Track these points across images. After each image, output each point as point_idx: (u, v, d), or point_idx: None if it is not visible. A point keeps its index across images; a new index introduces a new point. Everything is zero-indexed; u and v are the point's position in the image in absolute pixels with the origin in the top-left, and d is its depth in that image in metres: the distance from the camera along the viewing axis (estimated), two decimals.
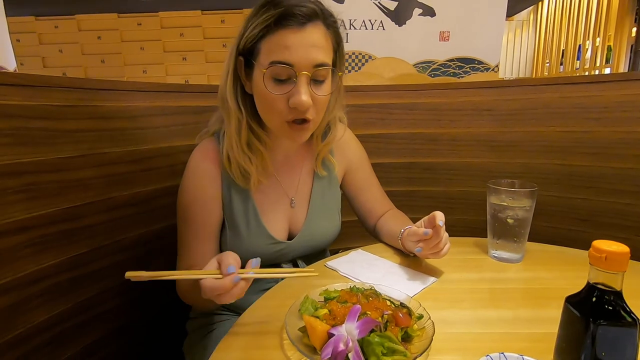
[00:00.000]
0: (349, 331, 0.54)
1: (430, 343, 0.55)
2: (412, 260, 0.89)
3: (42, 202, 0.86)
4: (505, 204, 0.85)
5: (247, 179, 0.83)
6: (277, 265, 0.90)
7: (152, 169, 1.09)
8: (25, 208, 0.83)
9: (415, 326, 0.61)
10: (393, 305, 0.64)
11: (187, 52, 2.99)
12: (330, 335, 0.55)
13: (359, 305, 0.57)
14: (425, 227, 0.80)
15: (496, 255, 0.89)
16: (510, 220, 0.85)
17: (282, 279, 0.78)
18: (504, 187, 0.87)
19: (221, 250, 0.87)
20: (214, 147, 0.86)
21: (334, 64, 0.78)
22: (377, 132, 1.47)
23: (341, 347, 0.53)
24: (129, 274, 0.56)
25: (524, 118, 1.36)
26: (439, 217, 0.77)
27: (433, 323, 0.60)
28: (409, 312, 0.62)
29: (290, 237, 0.90)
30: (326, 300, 0.68)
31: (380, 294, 0.67)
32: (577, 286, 0.50)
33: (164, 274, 0.60)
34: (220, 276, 0.58)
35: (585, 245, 1.06)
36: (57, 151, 0.89)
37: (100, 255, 0.99)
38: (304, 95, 0.71)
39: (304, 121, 0.75)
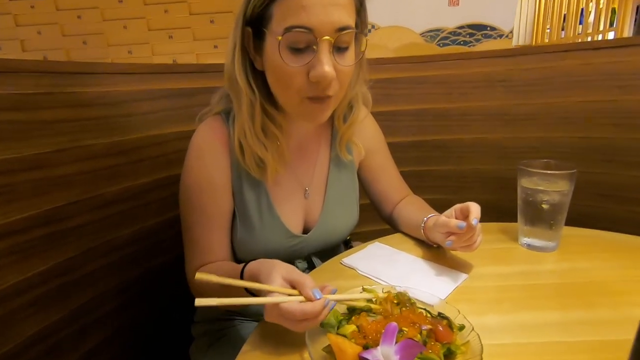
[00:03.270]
0: (386, 356, 0.45)
1: None
2: (435, 253, 0.79)
3: (20, 205, 0.74)
4: (540, 187, 0.75)
5: (262, 169, 0.72)
6: (291, 263, 0.80)
7: (142, 160, 0.97)
8: (1, 213, 0.71)
9: (458, 340, 0.51)
10: (430, 316, 0.54)
11: (173, 29, 2.78)
12: None
13: (394, 324, 0.47)
14: (455, 216, 0.70)
15: (528, 243, 0.80)
16: (544, 206, 0.75)
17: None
18: (538, 168, 0.76)
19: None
20: (221, 127, 0.74)
21: (357, 27, 0.66)
22: (382, 109, 1.34)
23: None
24: (198, 302, 0.47)
25: (541, 89, 1.24)
26: (474, 212, 0.67)
27: (479, 336, 0.51)
28: (450, 324, 0.53)
29: (305, 231, 0.79)
30: (349, 310, 0.58)
31: (414, 301, 0.57)
32: (625, 278, 0.40)
33: (232, 300, 0.51)
34: (301, 298, 0.52)
35: (608, 223, 0.99)
36: (33, 146, 0.76)
37: (91, 257, 0.88)
38: (327, 66, 0.59)
39: (325, 98, 0.64)
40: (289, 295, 0.52)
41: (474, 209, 0.67)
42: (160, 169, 1.01)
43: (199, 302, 0.47)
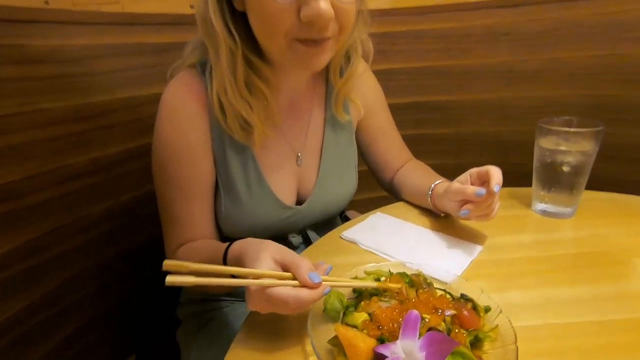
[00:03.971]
0: (408, 352, 0.37)
1: (517, 356, 0.39)
2: (444, 223, 0.71)
3: None
4: (561, 148, 0.67)
5: (248, 132, 0.61)
6: (284, 238, 0.71)
7: (111, 126, 0.85)
8: None
9: (486, 326, 0.44)
10: (450, 298, 0.47)
11: None
12: (380, 358, 0.38)
13: (416, 312, 0.39)
14: (471, 182, 0.62)
15: (544, 209, 0.72)
16: (565, 168, 0.67)
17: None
18: (559, 126, 0.68)
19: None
20: (196, 83, 0.62)
21: None
22: (377, 67, 1.20)
23: None
24: (170, 280, 0.38)
25: (547, 42, 1.13)
26: (496, 177, 0.58)
27: (509, 321, 0.43)
28: (474, 306, 0.45)
29: (299, 202, 0.70)
30: (356, 293, 0.50)
31: (430, 281, 0.49)
32: None
33: (210, 280, 0.42)
34: (295, 283, 0.43)
35: (616, 185, 0.93)
36: None
37: (59, 237, 0.77)
38: (323, 2, 0.47)
39: (321, 40, 0.52)
40: (280, 280, 0.43)
41: (495, 173, 0.58)
42: (133, 136, 0.89)
43: (172, 280, 0.38)
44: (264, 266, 0.43)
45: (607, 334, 0.46)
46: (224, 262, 0.51)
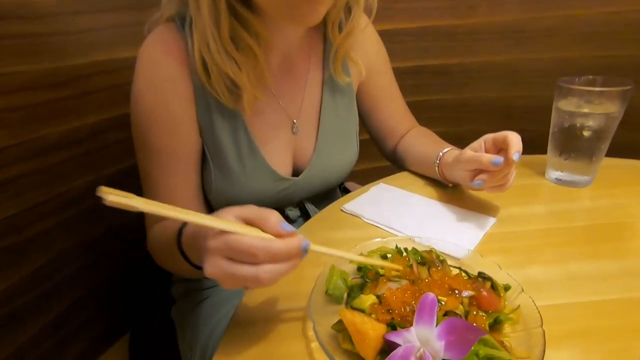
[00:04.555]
0: (424, 340, 0.32)
1: (544, 344, 0.34)
2: (452, 194, 0.66)
3: None
4: (583, 110, 0.60)
5: (237, 96, 0.54)
6: (280, 212, 0.66)
7: (89, 93, 0.77)
8: None
9: (507, 307, 0.39)
10: (466, 276, 0.42)
11: None
12: (392, 346, 0.33)
13: (432, 295, 0.34)
14: (485, 149, 0.56)
15: (559, 177, 0.67)
16: (586, 133, 0.61)
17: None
18: (581, 86, 0.61)
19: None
20: (175, 39, 0.54)
21: None
22: (377, 28, 1.13)
23: None
24: (104, 193, 0.29)
25: None
26: (515, 144, 0.52)
27: (533, 301, 0.39)
28: (493, 286, 0.41)
29: (295, 173, 0.64)
30: (361, 272, 0.45)
31: (443, 258, 0.44)
32: None
33: (161, 211, 0.33)
34: (265, 235, 0.35)
35: (634, 153, 0.87)
36: None
37: (40, 214, 0.72)
38: None
39: None
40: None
41: (515, 140, 0.52)
42: (114, 104, 0.81)
43: (106, 193, 0.28)
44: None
45: (639, 312, 0.42)
46: (178, 245, 0.44)
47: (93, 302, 0.85)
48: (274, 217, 0.35)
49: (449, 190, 0.67)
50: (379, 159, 0.92)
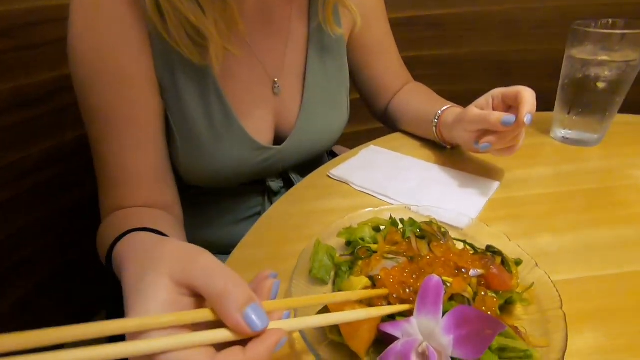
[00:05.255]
0: (428, 334, 0.26)
1: (566, 330, 0.29)
2: (450, 156, 0.59)
3: None
4: (600, 58, 0.53)
5: (201, 48, 0.44)
6: (261, 184, 0.58)
7: (34, 47, 0.66)
8: None
9: (521, 286, 0.34)
10: (472, 251, 0.36)
11: None
12: (388, 339, 0.28)
13: (436, 277, 0.28)
14: (493, 107, 0.49)
15: (566, 136, 0.61)
16: (600, 85, 0.54)
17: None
18: (599, 30, 0.53)
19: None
20: None
21: None
22: None
23: None
24: None
25: None
26: (529, 103, 0.44)
27: (549, 277, 0.33)
28: (504, 261, 0.35)
29: (278, 141, 0.56)
30: (350, 245, 0.39)
31: (445, 230, 0.38)
32: None
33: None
34: (222, 336, 0.23)
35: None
36: None
37: None
38: None
39: None
40: (188, 336, 0.22)
41: (528, 96, 0.44)
42: (67, 59, 0.70)
43: None
44: (154, 306, 0.22)
45: None
46: (109, 264, 0.36)
47: (62, 281, 0.78)
48: (237, 296, 0.22)
49: (448, 153, 0.60)
50: (369, 120, 0.84)
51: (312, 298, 0.30)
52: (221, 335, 0.22)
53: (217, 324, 0.23)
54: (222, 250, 0.61)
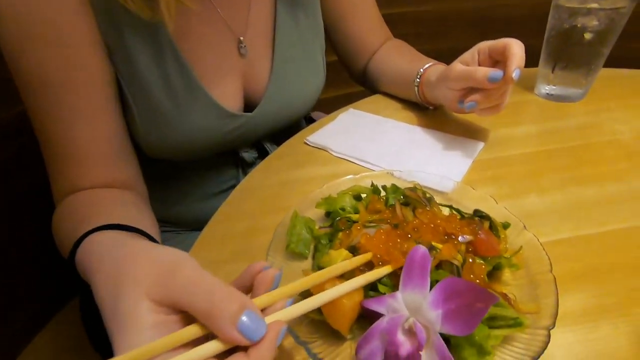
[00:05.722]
0: (414, 309, 0.24)
1: (557, 294, 0.27)
2: (433, 117, 0.56)
3: None
4: (589, 5, 0.49)
5: (151, 1, 0.38)
6: (233, 153, 0.54)
7: None
8: None
9: (509, 250, 0.32)
10: (459, 217, 0.34)
11: None
12: (372, 316, 0.25)
13: (423, 248, 0.26)
14: (479, 62, 0.45)
15: (551, 92, 0.58)
16: (588, 36, 0.51)
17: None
18: None
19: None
20: None
21: None
22: None
23: (405, 346, 0.23)
24: None
25: None
26: (517, 56, 0.41)
27: (538, 240, 0.31)
28: (492, 225, 0.33)
29: (248, 107, 0.51)
30: (330, 216, 0.36)
31: (430, 196, 0.36)
32: None
33: None
34: (212, 349, 0.20)
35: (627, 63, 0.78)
36: None
37: None
38: None
39: None
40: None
41: (516, 49, 0.41)
42: None
43: None
44: (141, 335, 0.20)
45: None
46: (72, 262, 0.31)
47: (30, 266, 0.73)
48: (227, 308, 0.20)
49: (430, 114, 0.57)
50: (349, 84, 0.79)
51: (305, 280, 0.26)
52: (218, 346, 0.20)
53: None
54: (195, 226, 0.58)
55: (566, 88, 0.57)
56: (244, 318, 0.20)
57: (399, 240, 0.30)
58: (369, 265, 0.29)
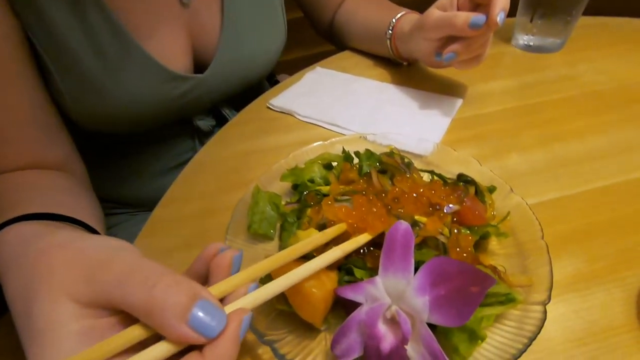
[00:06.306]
0: (397, 296, 0.21)
1: (550, 263, 0.24)
2: (407, 73, 0.51)
3: None
4: None
5: None
6: (187, 122, 0.47)
7: None
8: None
9: (497, 217, 0.29)
10: (442, 183, 0.30)
11: None
12: (348, 305, 0.22)
13: (404, 223, 0.22)
14: (457, 7, 0.40)
15: (529, 42, 0.54)
16: None
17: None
18: None
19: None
20: None
21: None
22: None
23: (387, 339, 0.20)
24: None
25: None
26: (500, 0, 0.36)
27: (527, 204, 0.28)
28: (477, 191, 0.29)
29: (199, 68, 0.44)
30: (297, 190, 0.31)
31: (409, 160, 0.31)
32: None
33: None
34: (160, 352, 0.16)
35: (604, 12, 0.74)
36: None
37: None
38: None
39: None
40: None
41: None
42: None
43: None
44: (63, 348, 0.16)
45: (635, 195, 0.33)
46: None
47: None
48: (174, 299, 0.15)
49: (404, 70, 0.52)
50: (316, 42, 0.73)
51: (271, 260, 0.21)
52: (167, 348, 0.16)
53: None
54: (152, 206, 0.52)
55: (545, 38, 0.53)
56: (197, 311, 0.15)
57: (375, 209, 0.26)
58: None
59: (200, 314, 0.15)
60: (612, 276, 0.27)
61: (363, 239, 0.24)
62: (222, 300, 0.18)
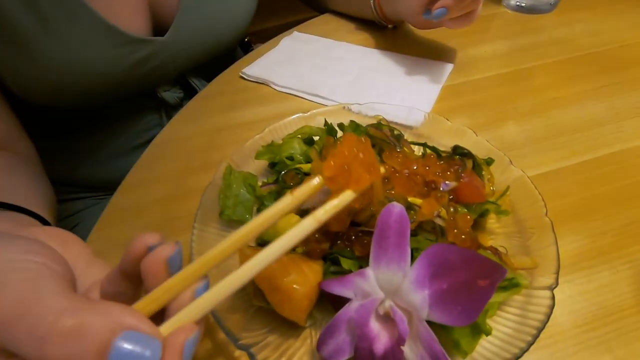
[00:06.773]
0: (391, 290, 0.18)
1: (556, 243, 0.22)
2: (393, 37, 0.47)
3: None
4: None
5: None
6: (152, 94, 0.42)
7: None
8: None
9: (496, 193, 0.26)
10: (437, 157, 0.27)
11: None
12: (336, 300, 0.19)
13: (399, 207, 0.18)
14: None
15: (519, 3, 0.51)
16: None
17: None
18: None
19: None
20: None
21: None
22: None
23: (381, 340, 0.17)
24: None
25: None
26: None
27: (528, 177, 0.25)
28: (475, 165, 0.26)
29: (159, 30, 0.39)
30: (275, 169, 0.28)
31: (400, 133, 0.28)
32: None
33: None
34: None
35: None
36: None
37: None
38: None
39: None
40: None
41: None
42: None
43: None
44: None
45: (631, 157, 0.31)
46: None
47: None
48: (91, 339, 0.11)
49: (389, 34, 0.48)
50: (294, 9, 0.67)
51: (224, 245, 0.16)
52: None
53: None
54: (114, 190, 0.47)
55: None
56: (121, 344, 0.11)
57: (362, 154, 0.20)
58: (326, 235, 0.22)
59: (127, 346, 0.11)
60: (618, 252, 0.25)
61: (347, 197, 0.18)
62: (163, 313, 0.14)
